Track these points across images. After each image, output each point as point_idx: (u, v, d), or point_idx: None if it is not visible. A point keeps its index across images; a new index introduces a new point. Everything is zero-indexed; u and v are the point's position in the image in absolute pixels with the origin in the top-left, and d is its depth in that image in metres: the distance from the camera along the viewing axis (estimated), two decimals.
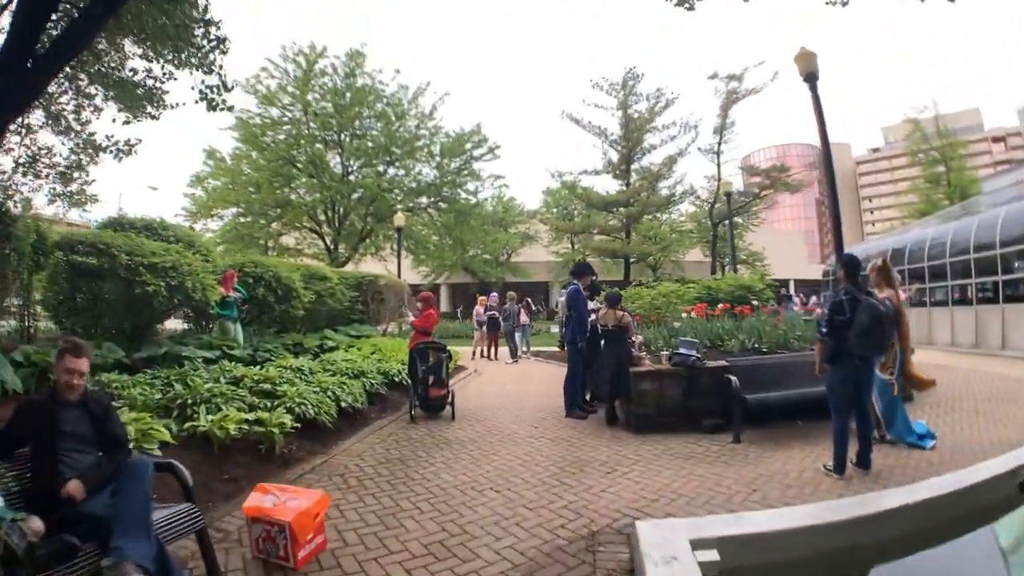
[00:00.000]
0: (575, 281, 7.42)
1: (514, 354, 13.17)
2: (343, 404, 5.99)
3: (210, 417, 4.52)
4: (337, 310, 12.19)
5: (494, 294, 14.07)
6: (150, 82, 8.14)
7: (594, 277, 7.56)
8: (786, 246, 47.03)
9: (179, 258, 7.52)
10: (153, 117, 8.56)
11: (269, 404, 5.14)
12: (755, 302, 10.05)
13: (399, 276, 17.27)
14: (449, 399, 6.86)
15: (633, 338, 6.94)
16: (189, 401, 4.73)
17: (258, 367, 6.46)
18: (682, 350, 6.44)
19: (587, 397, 7.25)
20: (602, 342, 6.81)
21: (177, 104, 8.49)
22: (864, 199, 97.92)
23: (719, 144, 24.08)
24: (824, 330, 4.45)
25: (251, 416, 4.64)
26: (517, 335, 13.42)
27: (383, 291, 14.42)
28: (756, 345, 7.39)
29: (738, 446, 5.32)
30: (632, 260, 24.16)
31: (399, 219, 18.04)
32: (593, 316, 9.27)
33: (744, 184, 26.49)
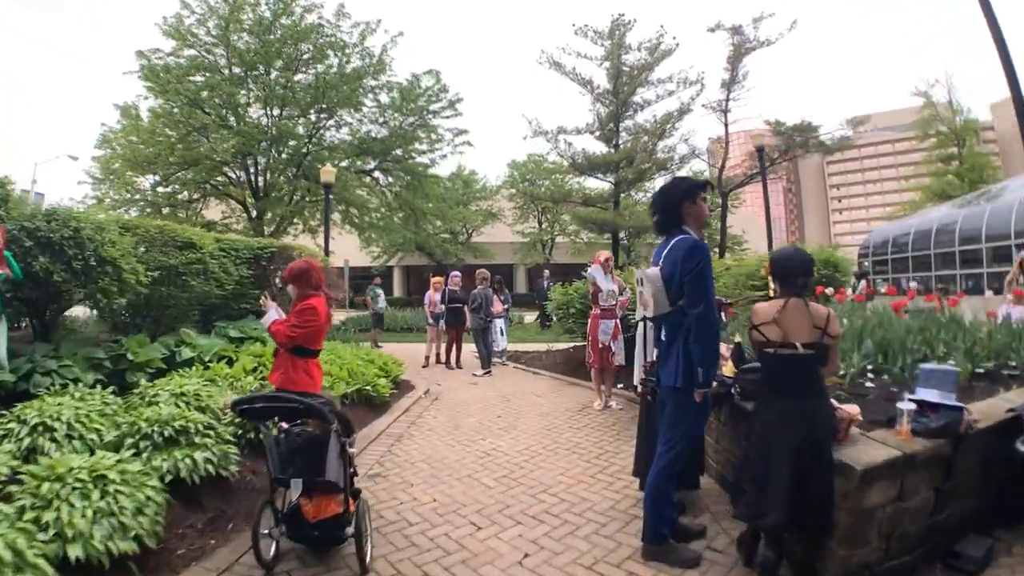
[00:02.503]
0: (685, 231, 3.01)
1: (487, 363, 9.18)
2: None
3: None
4: (216, 296, 7.94)
5: (456, 274, 9.99)
6: None
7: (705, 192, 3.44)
8: (754, 232, 44.69)
9: None
10: None
11: None
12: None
13: (327, 252, 12.99)
14: (351, 522, 2.85)
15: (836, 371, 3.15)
16: None
17: None
18: (933, 397, 2.68)
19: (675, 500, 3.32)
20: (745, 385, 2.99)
21: None
22: (832, 187, 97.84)
23: (727, 101, 20.48)
24: None
25: None
26: (498, 329, 9.40)
27: None
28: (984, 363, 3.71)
29: None
30: (621, 236, 20.39)
31: (327, 174, 13.65)
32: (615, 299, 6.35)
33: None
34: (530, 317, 19.22)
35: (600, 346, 6.50)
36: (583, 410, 6.47)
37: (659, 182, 25.64)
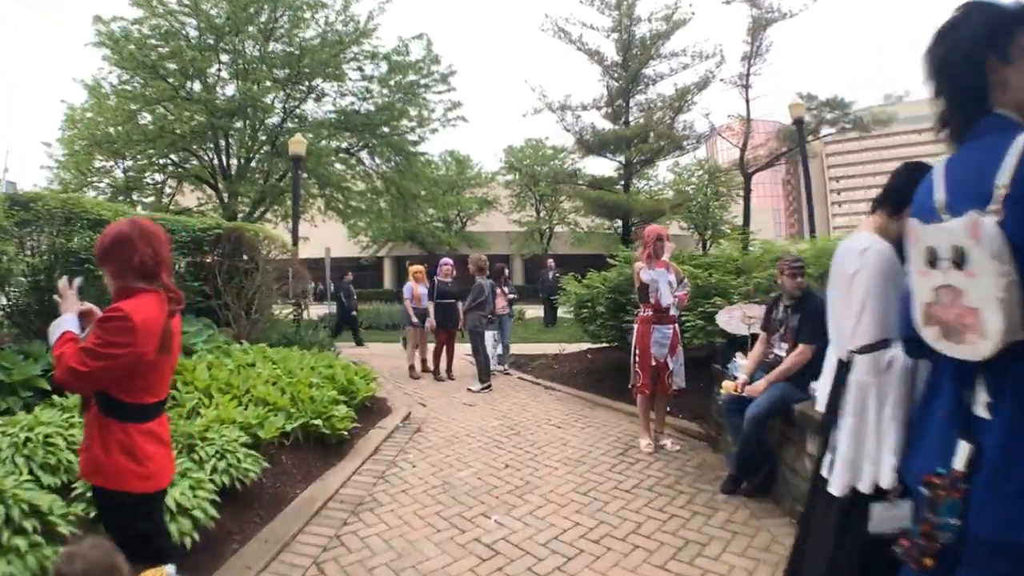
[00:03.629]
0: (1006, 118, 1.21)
1: (486, 374, 7.26)
2: None
3: None
4: None
5: (448, 263, 8.01)
6: None
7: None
8: (755, 222, 42.70)
9: None
10: None
11: None
12: None
13: (296, 239, 10.97)
14: None
15: None
16: None
17: None
18: None
19: None
20: None
21: None
22: (831, 179, 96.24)
23: (747, 76, 18.51)
24: None
25: None
26: (490, 337, 7.45)
27: (256, 257, 8.22)
28: None
29: None
30: (634, 222, 18.46)
31: (296, 145, 11.58)
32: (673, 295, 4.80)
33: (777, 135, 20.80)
34: (531, 311, 17.22)
35: (653, 363, 4.61)
36: (627, 452, 4.58)
37: (670, 162, 23.85)
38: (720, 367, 4.71)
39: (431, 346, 8.07)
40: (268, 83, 15.99)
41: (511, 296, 8.47)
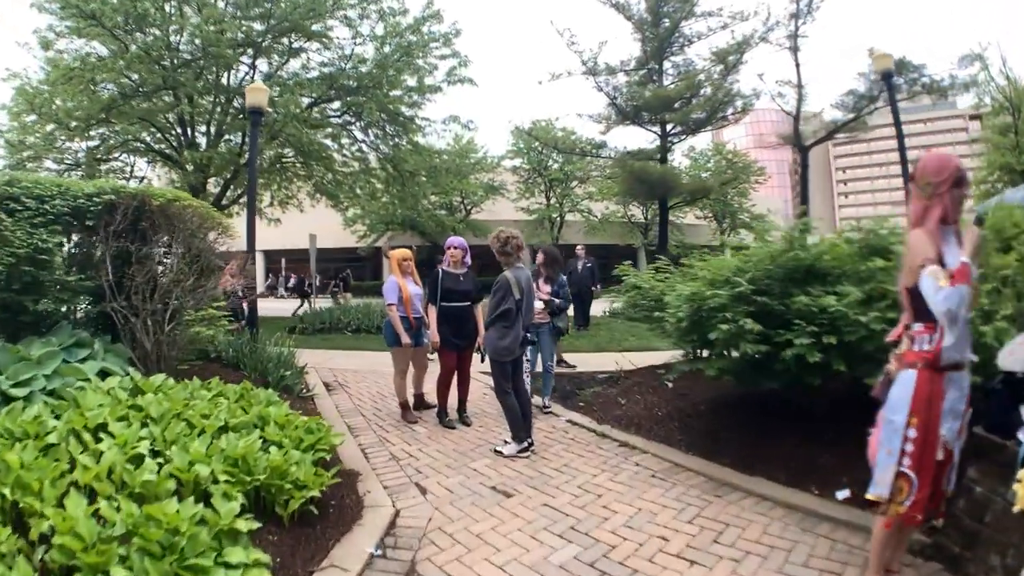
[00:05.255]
0: None
1: (522, 430, 4.28)
2: None
3: None
4: None
5: (458, 243, 5.21)
6: None
7: None
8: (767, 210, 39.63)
9: None
10: None
11: None
12: None
13: (253, 219, 8.13)
14: None
15: None
16: None
17: None
18: None
19: None
20: None
21: None
22: (838, 170, 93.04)
23: (795, 37, 15.73)
24: None
25: None
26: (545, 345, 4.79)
27: (176, 228, 5.52)
28: None
29: None
30: (672, 203, 15.77)
31: (255, 93, 8.65)
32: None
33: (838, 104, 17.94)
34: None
35: (940, 454, 1.96)
36: None
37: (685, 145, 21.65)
38: (995, 435, 2.18)
39: (432, 372, 5.40)
40: (240, 34, 13.19)
41: (553, 295, 5.59)
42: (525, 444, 4.23)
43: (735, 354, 3.45)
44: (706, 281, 3.75)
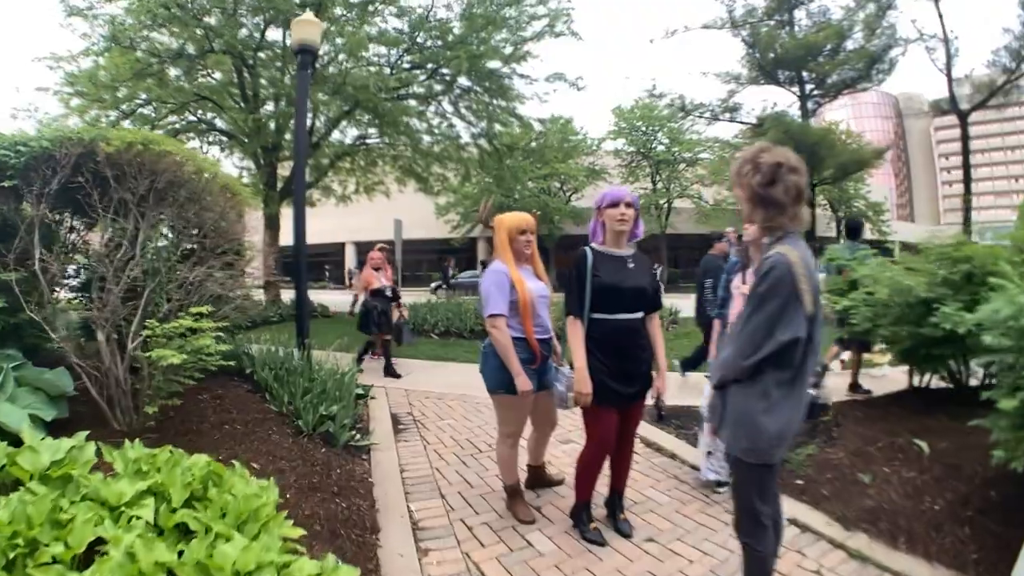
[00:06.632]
0: None
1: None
2: None
3: None
4: None
5: (621, 194, 2.58)
6: None
7: None
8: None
9: None
10: None
11: None
12: None
13: (302, 205, 5.85)
14: None
15: None
16: None
17: None
18: None
19: None
20: None
21: None
22: (941, 156, 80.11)
23: None
24: None
25: None
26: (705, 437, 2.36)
27: (184, 203, 3.56)
28: None
29: None
30: (818, 181, 12.50)
31: (303, 28, 6.37)
32: None
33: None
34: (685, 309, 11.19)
35: None
36: None
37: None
38: None
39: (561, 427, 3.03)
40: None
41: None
42: None
43: None
44: None
